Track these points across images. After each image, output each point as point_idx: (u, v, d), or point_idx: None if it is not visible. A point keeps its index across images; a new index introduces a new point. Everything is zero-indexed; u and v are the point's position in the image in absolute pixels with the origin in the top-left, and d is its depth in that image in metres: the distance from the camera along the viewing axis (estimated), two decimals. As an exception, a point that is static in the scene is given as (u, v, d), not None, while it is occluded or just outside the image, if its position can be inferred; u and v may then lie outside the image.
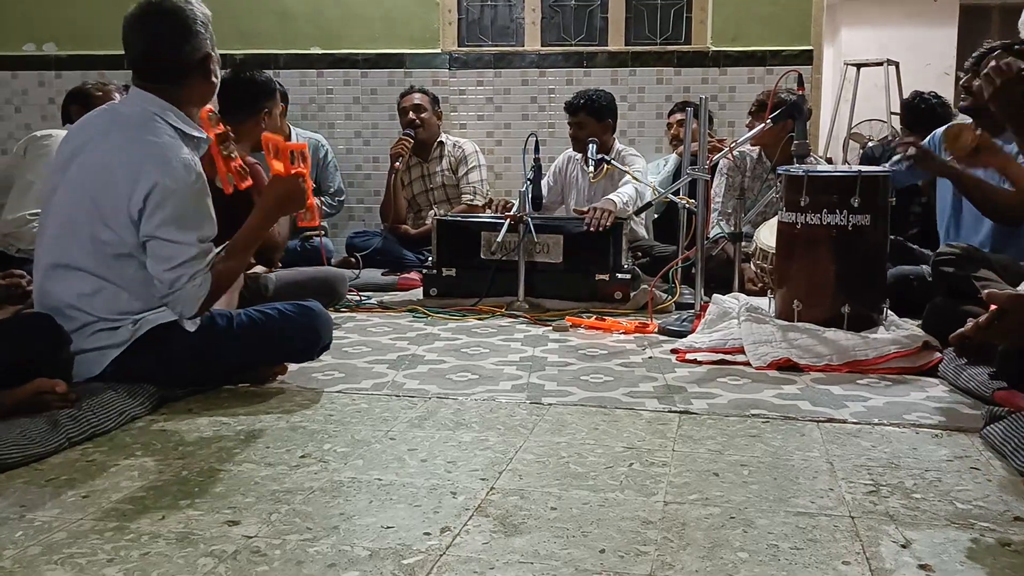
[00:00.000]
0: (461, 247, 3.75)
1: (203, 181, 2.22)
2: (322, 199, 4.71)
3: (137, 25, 2.24)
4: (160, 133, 2.19)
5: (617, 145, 4.39)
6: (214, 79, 2.32)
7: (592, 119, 4.25)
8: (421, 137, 4.65)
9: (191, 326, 2.25)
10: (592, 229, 3.62)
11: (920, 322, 2.90)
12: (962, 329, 1.80)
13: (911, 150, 3.12)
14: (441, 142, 4.74)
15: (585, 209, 3.77)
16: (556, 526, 1.52)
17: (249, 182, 2.53)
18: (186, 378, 2.32)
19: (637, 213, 3.78)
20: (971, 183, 3.06)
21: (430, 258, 3.83)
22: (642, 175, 4.15)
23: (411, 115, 4.63)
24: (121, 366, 2.22)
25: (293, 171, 2.36)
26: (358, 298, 3.75)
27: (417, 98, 4.68)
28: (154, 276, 2.17)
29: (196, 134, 2.29)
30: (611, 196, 3.88)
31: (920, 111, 4.24)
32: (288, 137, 4.62)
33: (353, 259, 4.34)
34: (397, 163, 4.54)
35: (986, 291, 1.79)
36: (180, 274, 2.15)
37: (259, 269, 3.18)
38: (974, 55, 3.07)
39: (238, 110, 3.16)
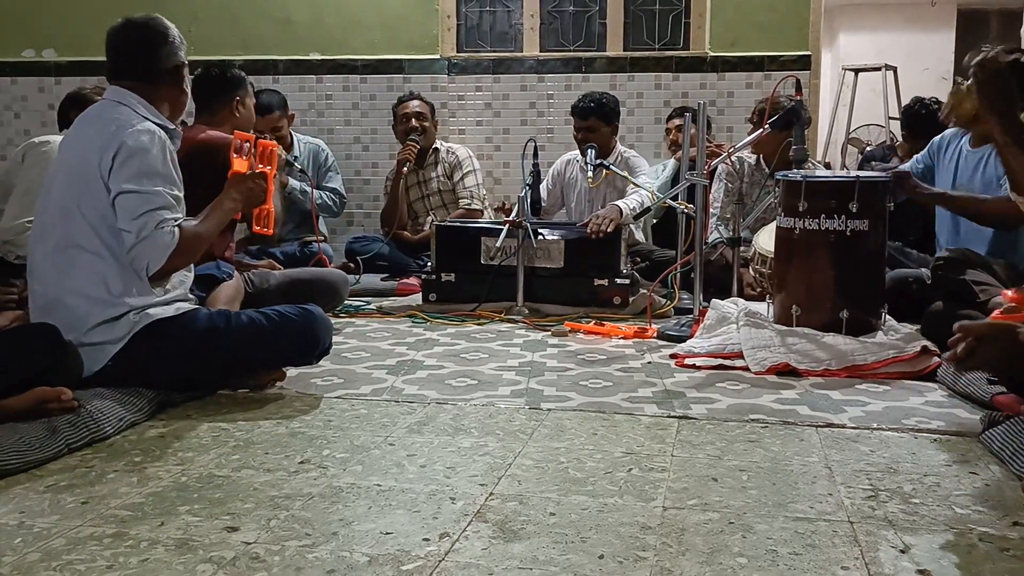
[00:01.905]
0: (460, 252, 3.75)
1: (169, 151, 2.32)
2: (322, 192, 4.71)
3: (120, 31, 2.43)
4: (128, 113, 2.33)
5: (618, 147, 4.39)
6: (186, 88, 2.48)
7: (602, 122, 4.27)
8: (421, 144, 4.66)
9: (157, 292, 2.29)
10: (593, 235, 3.63)
11: (919, 327, 2.90)
12: (947, 354, 1.80)
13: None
14: (436, 148, 4.74)
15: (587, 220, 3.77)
16: (555, 532, 1.52)
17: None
18: (184, 376, 2.33)
19: (636, 218, 3.79)
20: (959, 203, 3.09)
21: (429, 263, 3.83)
22: (648, 178, 4.15)
23: (414, 122, 4.62)
24: (120, 362, 2.23)
25: (258, 170, 2.50)
26: (357, 303, 3.76)
27: (418, 105, 4.68)
28: (122, 230, 2.23)
29: (166, 124, 2.38)
30: (617, 203, 3.88)
31: (921, 117, 4.24)
32: (291, 144, 4.63)
33: (352, 264, 4.35)
34: (404, 168, 4.54)
35: (957, 324, 1.77)
36: (147, 220, 2.21)
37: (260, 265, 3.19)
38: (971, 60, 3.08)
39: (212, 102, 3.24)
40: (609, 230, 3.64)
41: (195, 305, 2.45)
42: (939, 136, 3.39)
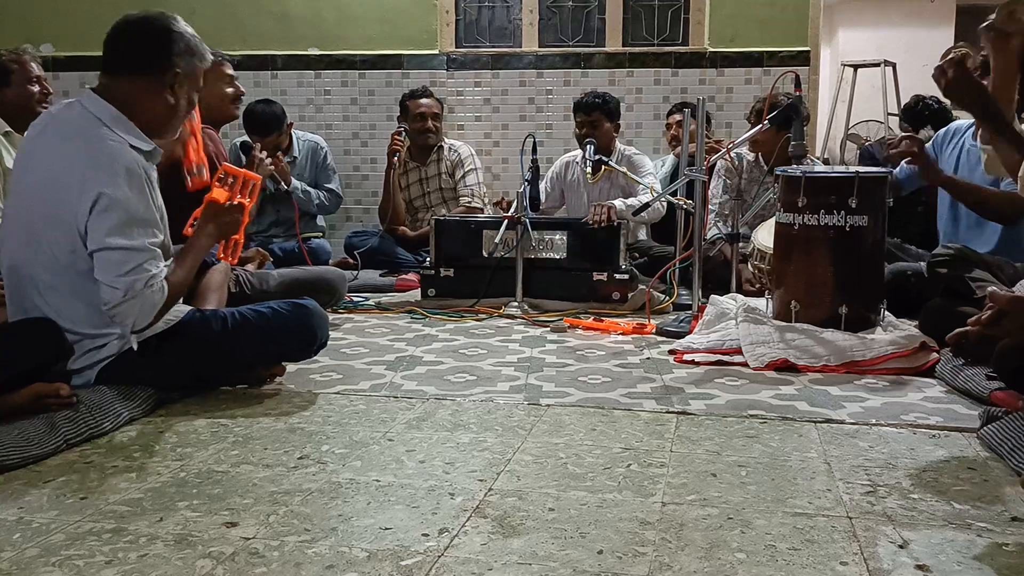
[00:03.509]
0: (459, 248, 3.75)
1: (149, 187, 2.16)
2: (319, 192, 4.72)
3: (131, 18, 2.24)
4: (103, 138, 2.13)
5: (618, 145, 4.40)
6: (171, 100, 2.22)
7: (606, 118, 4.31)
8: (430, 143, 4.64)
9: (134, 342, 2.18)
10: (592, 224, 3.64)
11: (917, 323, 2.90)
12: (961, 328, 1.81)
13: (904, 144, 3.13)
14: (439, 146, 4.73)
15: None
16: (554, 527, 1.52)
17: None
18: (182, 382, 2.31)
19: (635, 214, 3.79)
20: (964, 189, 3.08)
21: (428, 259, 3.83)
22: (653, 177, 4.16)
23: (430, 123, 4.61)
24: (112, 374, 2.20)
25: (236, 201, 2.39)
26: (356, 299, 3.76)
27: (433, 105, 4.64)
28: (105, 284, 2.08)
29: (144, 146, 2.19)
30: (615, 202, 3.88)
31: (923, 116, 4.24)
32: (290, 143, 4.61)
33: (351, 260, 4.34)
34: (395, 159, 4.53)
35: (989, 289, 1.79)
36: (135, 278, 2.08)
37: (249, 267, 3.18)
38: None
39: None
40: (607, 219, 3.65)
41: (184, 307, 2.38)
42: (943, 129, 3.39)
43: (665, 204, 4.02)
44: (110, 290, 2.09)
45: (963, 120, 3.42)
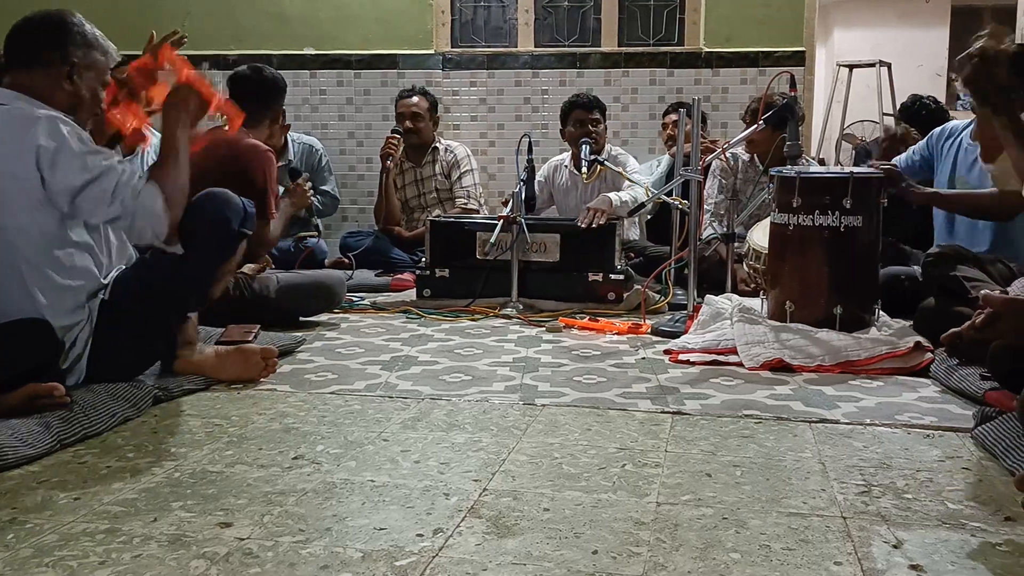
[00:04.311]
0: (455, 248, 3.75)
1: (73, 125, 2.17)
2: (315, 197, 4.71)
3: (28, 16, 2.27)
4: (11, 111, 2.13)
5: (607, 146, 4.41)
6: (70, 89, 2.23)
7: (602, 117, 4.39)
8: (413, 143, 4.64)
9: (179, 248, 2.24)
10: (584, 226, 3.64)
11: (911, 323, 2.91)
12: (956, 329, 1.81)
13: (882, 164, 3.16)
14: (435, 147, 4.72)
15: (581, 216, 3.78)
16: (549, 527, 1.52)
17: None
18: (163, 326, 2.31)
19: (631, 214, 3.79)
20: (954, 199, 3.11)
21: (423, 259, 3.83)
22: (640, 175, 4.18)
23: (408, 123, 4.60)
24: (100, 362, 2.22)
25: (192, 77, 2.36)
26: (352, 299, 3.76)
27: (416, 104, 4.62)
28: (106, 219, 2.16)
29: (61, 116, 2.17)
30: (608, 195, 3.89)
31: (920, 116, 4.25)
32: (285, 145, 4.58)
33: (347, 259, 4.34)
34: (388, 162, 4.53)
35: (982, 292, 1.79)
36: (121, 198, 2.11)
37: (247, 269, 3.18)
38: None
39: (259, 112, 3.21)
40: (602, 222, 3.65)
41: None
42: (939, 128, 3.40)
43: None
44: (116, 222, 2.16)
45: (960, 120, 3.43)
